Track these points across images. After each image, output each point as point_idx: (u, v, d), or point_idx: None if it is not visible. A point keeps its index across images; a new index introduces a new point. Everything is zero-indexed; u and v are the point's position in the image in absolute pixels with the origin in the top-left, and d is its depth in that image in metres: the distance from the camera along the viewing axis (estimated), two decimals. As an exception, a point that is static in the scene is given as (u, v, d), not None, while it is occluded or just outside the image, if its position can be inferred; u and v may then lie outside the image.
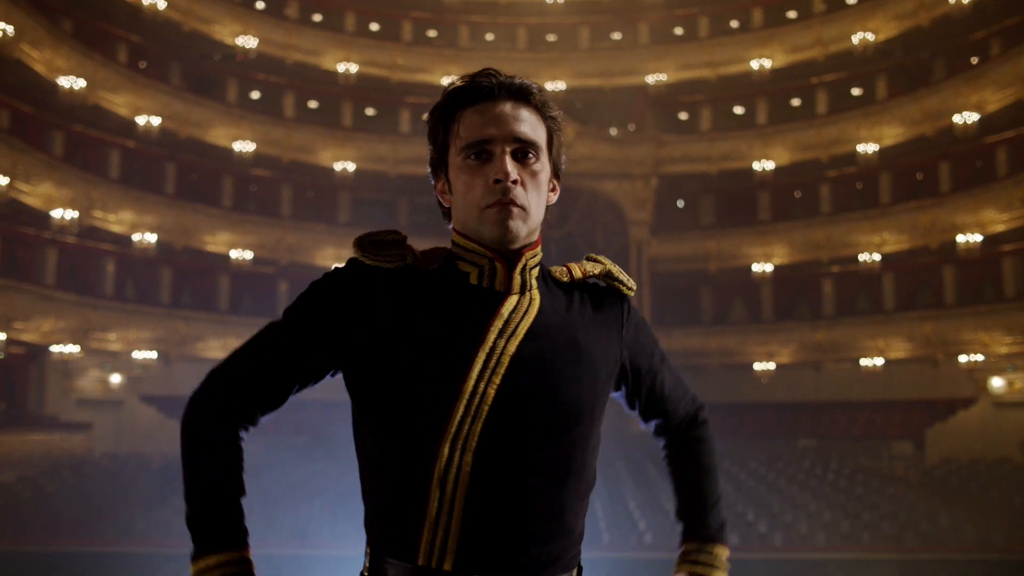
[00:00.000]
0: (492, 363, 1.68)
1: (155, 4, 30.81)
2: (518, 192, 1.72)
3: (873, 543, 18.50)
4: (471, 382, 1.66)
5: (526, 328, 1.73)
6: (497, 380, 1.66)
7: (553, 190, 1.85)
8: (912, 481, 26.74)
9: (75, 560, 18.86)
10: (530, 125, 1.78)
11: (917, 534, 19.39)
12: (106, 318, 29.20)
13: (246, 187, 34.28)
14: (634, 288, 1.91)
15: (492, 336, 1.70)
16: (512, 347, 1.70)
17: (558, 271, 1.88)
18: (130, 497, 24.21)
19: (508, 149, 1.74)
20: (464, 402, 1.65)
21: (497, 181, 1.71)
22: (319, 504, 23.43)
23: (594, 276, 1.90)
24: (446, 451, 1.63)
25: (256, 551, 1.74)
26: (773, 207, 34.73)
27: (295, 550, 19.37)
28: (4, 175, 25.60)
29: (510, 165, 1.72)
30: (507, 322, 1.72)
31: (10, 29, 25.49)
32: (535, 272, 1.81)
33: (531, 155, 1.76)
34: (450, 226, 1.85)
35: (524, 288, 1.78)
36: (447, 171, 1.82)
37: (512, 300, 1.75)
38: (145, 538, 21.26)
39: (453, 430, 1.63)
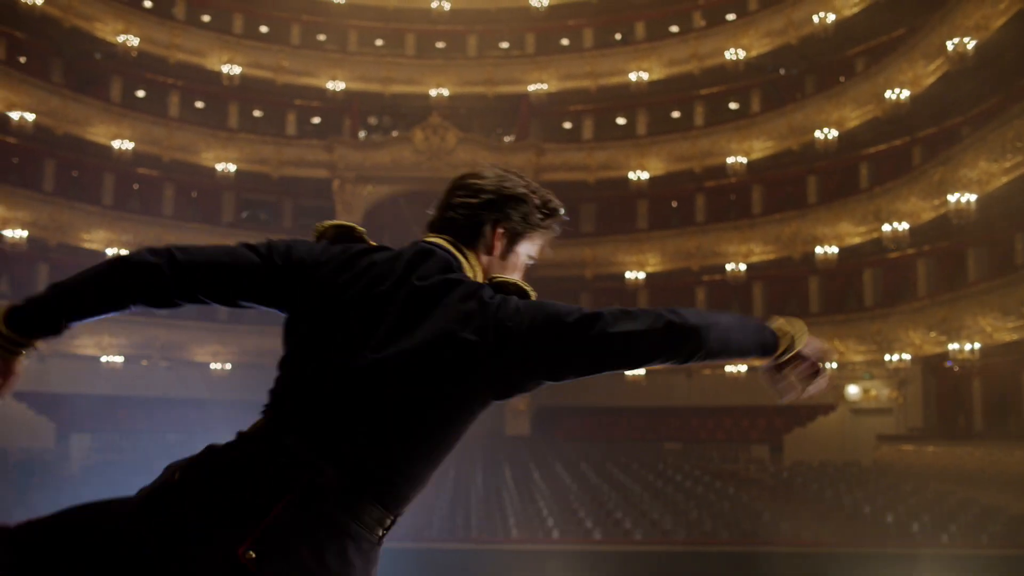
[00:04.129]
0: None
1: (33, 0, 30.76)
2: None
3: (688, 537, 19.25)
4: None
5: None
6: None
7: None
8: (764, 483, 27.63)
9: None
10: None
11: (735, 530, 20.18)
12: (-26, 313, 29.04)
13: (127, 185, 34.30)
14: None
15: None
16: None
17: None
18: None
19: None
20: None
21: None
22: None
23: None
24: None
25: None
26: (650, 216, 35.54)
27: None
28: None
29: None
30: None
31: None
32: None
33: None
34: (473, 254, 2.22)
35: None
36: (511, 239, 2.25)
37: None
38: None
39: None
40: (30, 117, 30.43)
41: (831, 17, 31.12)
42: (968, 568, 16.07)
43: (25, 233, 29.90)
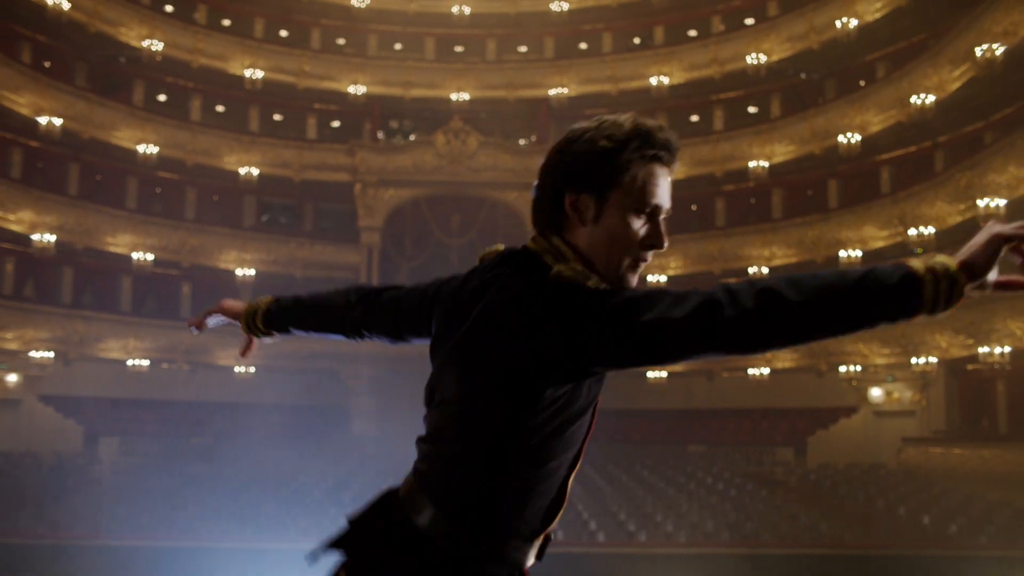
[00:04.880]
0: None
1: (60, 4, 30.89)
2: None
3: (731, 540, 19.40)
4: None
5: None
6: None
7: None
8: (791, 485, 27.78)
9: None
10: None
11: (775, 532, 20.35)
12: (3, 317, 29.18)
13: (151, 189, 34.43)
14: None
15: None
16: None
17: None
18: (22, 494, 24.28)
19: (663, 220, 1.97)
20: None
21: (652, 246, 1.95)
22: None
23: None
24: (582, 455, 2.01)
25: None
26: (671, 220, 35.58)
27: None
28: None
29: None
30: None
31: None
32: None
33: None
34: (546, 234, 1.98)
35: None
36: (599, 195, 1.91)
37: None
38: (34, 532, 21.41)
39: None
40: (57, 122, 30.57)
41: (853, 22, 31.32)
42: (1017, 569, 16.25)
43: (53, 237, 30.03)
